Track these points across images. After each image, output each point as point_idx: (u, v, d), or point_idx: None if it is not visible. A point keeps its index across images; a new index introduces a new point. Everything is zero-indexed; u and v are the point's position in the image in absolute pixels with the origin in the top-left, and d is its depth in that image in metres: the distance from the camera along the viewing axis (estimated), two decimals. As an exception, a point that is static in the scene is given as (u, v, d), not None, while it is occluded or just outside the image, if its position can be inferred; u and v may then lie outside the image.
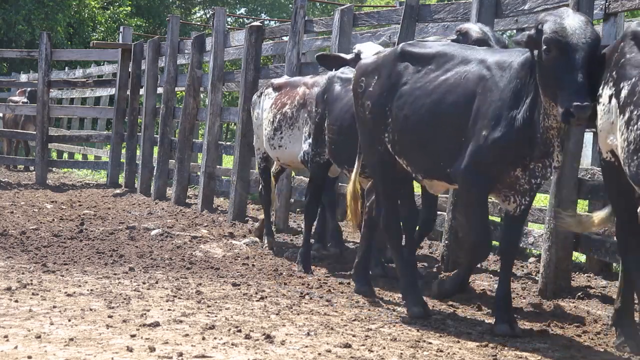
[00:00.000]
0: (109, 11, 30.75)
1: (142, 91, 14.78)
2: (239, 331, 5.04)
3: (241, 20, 39.36)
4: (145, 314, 5.39)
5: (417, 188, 7.78)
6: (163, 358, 4.42)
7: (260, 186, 9.04)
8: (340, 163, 7.15)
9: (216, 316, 5.47)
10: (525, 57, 5.25)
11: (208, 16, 37.88)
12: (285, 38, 11.09)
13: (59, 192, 14.03)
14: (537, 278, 6.75)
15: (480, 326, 5.62)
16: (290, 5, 35.84)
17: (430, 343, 5.08)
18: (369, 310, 5.98)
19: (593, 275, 6.98)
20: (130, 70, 15.22)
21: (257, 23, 11.53)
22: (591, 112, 4.88)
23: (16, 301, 5.65)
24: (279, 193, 9.80)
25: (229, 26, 22.72)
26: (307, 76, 8.65)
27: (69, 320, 5.15)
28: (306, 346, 4.80)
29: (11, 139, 19.44)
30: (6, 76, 25.46)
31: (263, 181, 8.92)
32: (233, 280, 6.87)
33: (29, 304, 5.56)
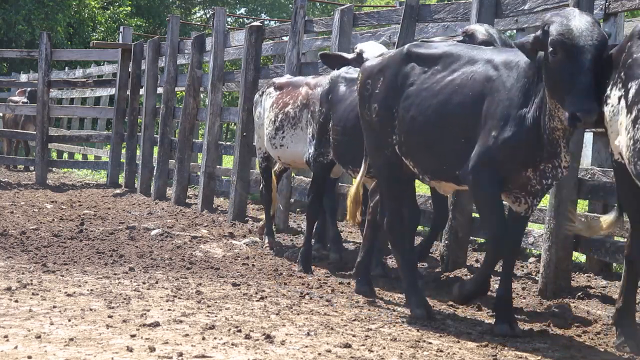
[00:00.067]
0: (109, 11, 30.76)
1: (142, 91, 14.78)
2: (239, 331, 5.04)
3: (241, 20, 39.38)
4: (145, 314, 5.39)
5: (425, 189, 7.77)
6: (163, 358, 4.42)
7: (261, 186, 9.04)
8: (344, 163, 7.12)
9: (216, 316, 5.46)
10: None
11: (208, 16, 37.89)
12: (285, 38, 11.09)
13: (59, 192, 14.03)
14: (537, 278, 6.74)
15: (480, 326, 5.62)
16: (290, 5, 35.84)
17: (430, 343, 5.08)
18: (369, 310, 5.98)
19: (593, 275, 6.97)
20: (130, 70, 15.22)
21: (257, 23, 11.53)
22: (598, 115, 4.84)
23: (16, 301, 5.65)
24: (279, 193, 9.79)
25: (229, 26, 22.72)
26: (309, 76, 8.64)
27: (69, 320, 5.15)
28: (306, 346, 4.80)
29: (11, 139, 19.44)
30: (6, 76, 25.47)
31: (264, 180, 8.92)
32: (233, 280, 6.87)
33: (29, 304, 5.56)
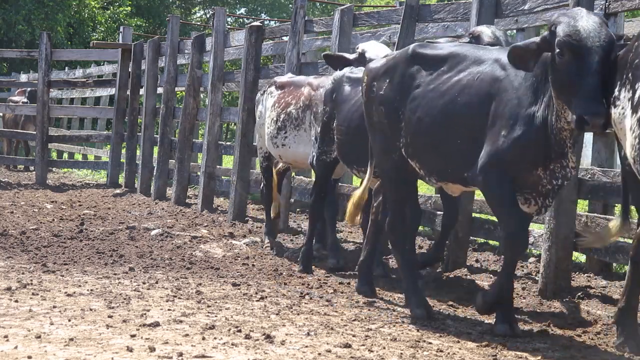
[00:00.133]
0: (109, 11, 30.77)
1: (142, 91, 14.78)
2: (239, 331, 5.04)
3: (241, 20, 39.39)
4: (145, 314, 5.39)
5: (426, 189, 7.75)
6: (163, 358, 4.42)
7: (262, 185, 9.04)
8: (349, 163, 7.12)
9: (216, 316, 5.46)
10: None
11: (208, 16, 37.89)
12: (285, 38, 11.09)
13: (59, 192, 14.03)
14: (537, 278, 6.74)
15: (480, 326, 5.61)
16: (290, 5, 35.84)
17: (430, 343, 5.08)
18: (369, 310, 5.98)
19: (593, 275, 6.97)
20: (130, 70, 15.22)
21: (257, 23, 11.52)
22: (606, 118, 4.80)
23: (16, 301, 5.65)
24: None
25: (229, 26, 22.73)
26: (311, 76, 8.61)
27: (69, 320, 5.15)
28: (306, 346, 4.80)
29: (11, 139, 19.44)
30: (6, 76, 25.47)
31: (265, 180, 8.91)
32: (233, 280, 6.87)
33: (29, 304, 5.56)
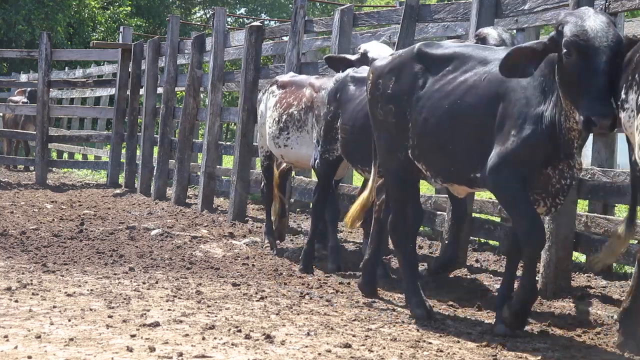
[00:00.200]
0: (109, 11, 30.78)
1: (142, 91, 14.78)
2: (239, 331, 5.04)
3: (241, 20, 39.40)
4: (145, 314, 5.39)
5: (426, 189, 7.73)
6: (163, 358, 4.42)
7: (262, 184, 9.04)
8: (353, 162, 7.12)
9: (216, 316, 5.46)
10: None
11: (208, 16, 37.90)
12: (285, 38, 11.09)
13: (59, 192, 14.03)
14: (537, 278, 6.74)
15: (480, 326, 5.61)
16: (290, 5, 35.84)
17: (430, 343, 5.07)
18: (369, 310, 5.98)
19: (593, 275, 6.97)
20: (130, 70, 15.22)
21: (257, 23, 11.52)
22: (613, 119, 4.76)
23: (16, 301, 5.65)
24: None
25: (229, 26, 22.73)
26: (313, 76, 8.60)
27: (69, 320, 5.15)
28: (306, 346, 4.79)
29: (11, 139, 19.45)
30: (6, 76, 25.47)
31: (265, 179, 8.90)
32: (233, 280, 6.87)
33: (29, 304, 5.56)
